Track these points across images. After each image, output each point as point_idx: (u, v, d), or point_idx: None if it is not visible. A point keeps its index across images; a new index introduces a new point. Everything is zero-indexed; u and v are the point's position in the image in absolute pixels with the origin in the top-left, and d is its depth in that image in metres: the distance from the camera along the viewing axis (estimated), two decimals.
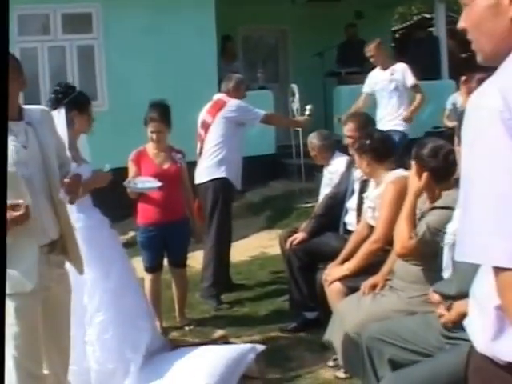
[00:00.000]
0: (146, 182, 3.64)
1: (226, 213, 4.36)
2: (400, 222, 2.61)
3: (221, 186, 4.30)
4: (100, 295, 2.96)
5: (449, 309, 2.19)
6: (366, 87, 5.70)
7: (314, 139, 4.27)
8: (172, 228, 3.73)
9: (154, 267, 3.84)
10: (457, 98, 6.54)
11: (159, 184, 3.58)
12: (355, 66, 8.26)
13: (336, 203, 3.72)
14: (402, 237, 2.55)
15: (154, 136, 3.73)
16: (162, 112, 3.74)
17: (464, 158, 1.09)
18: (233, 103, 4.42)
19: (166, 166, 3.76)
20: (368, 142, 3.13)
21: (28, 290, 2.34)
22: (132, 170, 3.77)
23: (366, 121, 3.62)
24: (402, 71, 5.50)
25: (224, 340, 3.59)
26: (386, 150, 3.18)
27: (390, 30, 10.83)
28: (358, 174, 3.50)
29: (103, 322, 2.95)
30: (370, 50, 5.52)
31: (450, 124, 6.13)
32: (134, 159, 3.79)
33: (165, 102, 3.78)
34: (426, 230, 2.48)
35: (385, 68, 5.58)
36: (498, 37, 1.10)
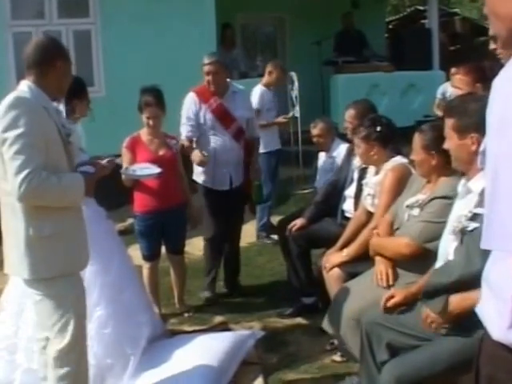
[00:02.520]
0: (145, 169, 3.57)
1: (205, 213, 4.09)
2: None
3: (197, 188, 4.10)
4: (99, 289, 2.90)
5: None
6: (258, 104, 5.36)
7: (320, 122, 4.40)
8: (169, 215, 3.71)
9: (152, 255, 3.83)
10: (447, 87, 6.68)
11: (158, 170, 3.52)
12: (352, 55, 8.28)
13: (336, 190, 3.73)
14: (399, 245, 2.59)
15: (151, 122, 3.68)
16: (156, 97, 3.69)
17: (491, 141, 1.04)
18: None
19: (161, 152, 3.72)
20: (378, 128, 3.13)
21: (82, 267, 2.40)
22: (127, 156, 3.71)
23: (367, 108, 3.61)
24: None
25: (223, 326, 3.61)
26: (391, 135, 3.20)
27: (383, 20, 10.84)
28: (357, 161, 3.50)
29: (102, 316, 2.91)
30: (274, 66, 5.52)
31: (440, 113, 6.21)
32: (128, 146, 3.73)
33: (157, 87, 3.73)
34: (423, 229, 2.49)
35: (272, 89, 5.56)
36: (510, 20, 1.10)
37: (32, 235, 2.24)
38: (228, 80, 4.06)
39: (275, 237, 4.88)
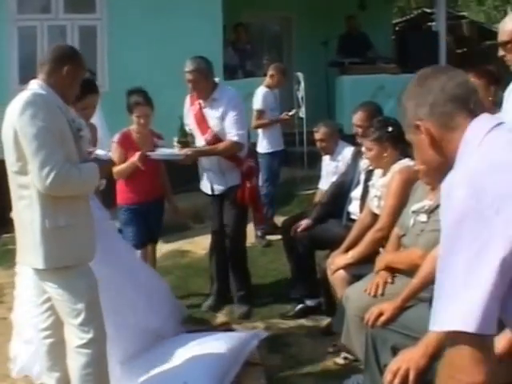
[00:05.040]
0: (168, 150, 3.74)
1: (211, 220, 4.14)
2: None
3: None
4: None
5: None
6: (261, 105, 5.47)
7: (322, 127, 4.40)
8: (150, 207, 3.88)
9: (140, 244, 3.88)
10: None
11: (183, 153, 3.62)
12: (355, 57, 8.28)
13: (342, 192, 3.72)
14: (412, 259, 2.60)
15: (142, 120, 3.80)
16: (145, 97, 3.84)
17: (444, 237, 1.18)
18: None
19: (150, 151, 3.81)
20: (390, 129, 3.11)
21: (91, 258, 2.45)
22: (118, 151, 3.77)
23: (375, 110, 3.59)
24: None
25: (226, 327, 3.59)
26: (401, 136, 3.17)
27: (390, 22, 10.84)
28: (364, 163, 3.49)
29: None
30: (276, 70, 5.60)
31: None
32: (119, 142, 3.83)
33: (143, 89, 3.90)
34: (435, 239, 2.45)
35: (273, 89, 5.63)
36: None
37: (48, 226, 2.31)
38: (216, 82, 3.86)
39: (272, 237, 5.04)
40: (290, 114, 5.60)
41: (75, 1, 6.70)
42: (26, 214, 2.34)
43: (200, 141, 3.85)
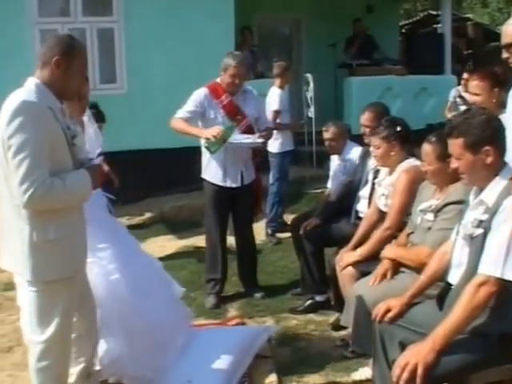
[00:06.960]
0: (246, 139, 3.86)
1: (207, 213, 4.10)
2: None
3: (204, 186, 4.11)
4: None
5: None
6: (278, 106, 5.57)
7: (332, 126, 4.45)
8: None
9: None
10: (459, 90, 6.81)
11: (261, 140, 3.86)
12: (361, 59, 8.39)
13: (350, 191, 3.81)
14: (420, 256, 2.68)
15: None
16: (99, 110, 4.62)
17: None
18: None
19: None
20: (398, 128, 3.19)
21: (80, 269, 2.40)
22: None
23: (382, 110, 3.66)
24: None
25: (237, 321, 3.66)
26: (409, 136, 3.26)
27: (397, 24, 10.91)
28: (372, 163, 3.57)
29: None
30: (277, 68, 5.71)
31: (451, 116, 6.31)
32: None
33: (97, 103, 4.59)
34: (442, 238, 2.55)
35: (284, 89, 5.71)
36: None
37: (36, 239, 2.20)
38: None
39: (281, 235, 5.18)
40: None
41: (93, 4, 6.81)
42: (16, 223, 2.21)
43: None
